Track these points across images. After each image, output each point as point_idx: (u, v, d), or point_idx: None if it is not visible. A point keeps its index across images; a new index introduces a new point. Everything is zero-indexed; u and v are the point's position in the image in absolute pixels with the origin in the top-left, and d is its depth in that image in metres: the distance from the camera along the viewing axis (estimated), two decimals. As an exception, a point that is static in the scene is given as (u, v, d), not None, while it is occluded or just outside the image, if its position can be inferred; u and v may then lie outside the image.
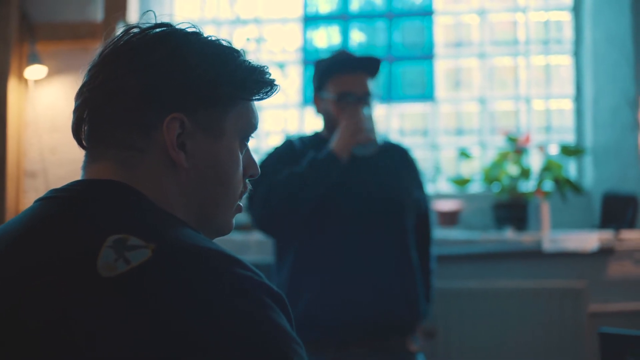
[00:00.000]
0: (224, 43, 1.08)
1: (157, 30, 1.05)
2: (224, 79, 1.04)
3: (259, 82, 1.08)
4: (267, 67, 1.11)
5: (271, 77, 1.10)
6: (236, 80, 1.06)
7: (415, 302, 2.51)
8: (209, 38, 1.08)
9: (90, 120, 1.03)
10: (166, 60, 1.01)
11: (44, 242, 0.93)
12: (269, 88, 1.10)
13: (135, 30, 1.05)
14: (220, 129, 1.05)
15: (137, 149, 1.01)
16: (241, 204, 1.13)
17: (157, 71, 1.01)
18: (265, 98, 1.11)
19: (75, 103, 1.05)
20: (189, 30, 1.07)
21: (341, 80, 2.53)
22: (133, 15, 3.95)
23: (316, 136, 2.66)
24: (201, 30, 1.09)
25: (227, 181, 1.07)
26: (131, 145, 1.01)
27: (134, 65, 1.01)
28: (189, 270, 0.87)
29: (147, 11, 1.09)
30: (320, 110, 2.61)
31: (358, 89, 2.52)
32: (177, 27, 1.07)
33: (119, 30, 1.07)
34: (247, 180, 1.14)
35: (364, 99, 2.51)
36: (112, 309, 0.83)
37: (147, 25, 1.06)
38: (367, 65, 2.56)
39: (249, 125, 1.10)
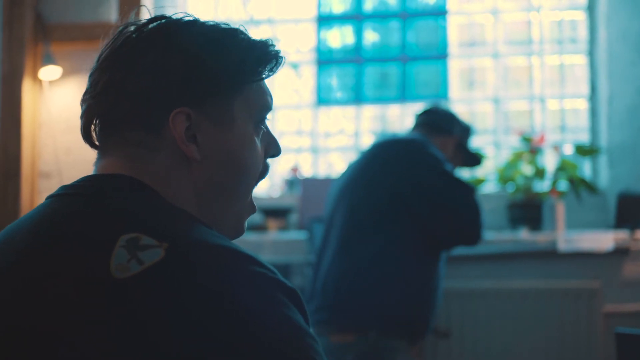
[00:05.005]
0: (222, 26, 1.04)
1: (151, 25, 1.03)
2: (223, 66, 1.01)
3: (260, 59, 1.04)
4: (270, 40, 1.06)
5: (274, 50, 1.06)
6: (235, 64, 1.02)
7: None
8: (206, 24, 1.04)
9: (97, 124, 1.02)
10: (162, 55, 1.00)
11: (55, 242, 0.91)
12: (274, 62, 1.06)
13: (131, 28, 1.03)
14: (230, 117, 1.03)
15: (148, 147, 0.99)
16: (255, 205, 1.11)
17: (155, 68, 0.99)
18: (272, 74, 1.06)
19: (81, 109, 1.04)
20: (185, 19, 1.04)
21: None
22: (147, 17, 3.95)
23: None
24: (198, 17, 1.05)
25: (242, 168, 1.04)
26: (141, 144, 1.00)
27: (131, 67, 1.00)
28: (202, 268, 0.86)
29: (160, 7, 1.08)
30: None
31: None
32: (173, 18, 1.05)
33: (115, 31, 1.05)
34: (266, 161, 1.11)
35: None
36: (126, 311, 0.82)
37: (142, 22, 1.04)
38: None
39: (261, 106, 1.07)
